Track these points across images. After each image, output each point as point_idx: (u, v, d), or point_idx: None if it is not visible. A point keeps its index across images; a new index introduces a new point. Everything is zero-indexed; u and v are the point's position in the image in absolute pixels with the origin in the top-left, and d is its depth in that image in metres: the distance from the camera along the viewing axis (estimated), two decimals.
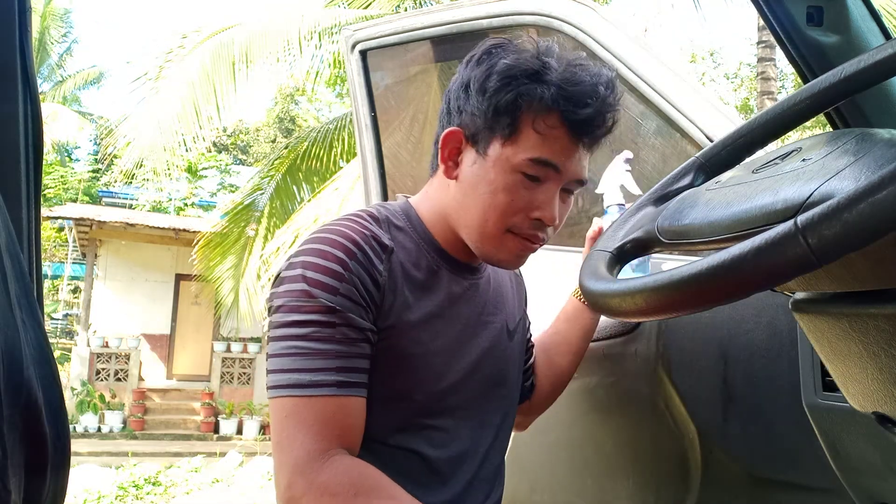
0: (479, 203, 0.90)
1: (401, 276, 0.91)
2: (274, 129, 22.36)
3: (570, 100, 0.86)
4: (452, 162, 0.94)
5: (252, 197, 8.39)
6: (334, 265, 0.85)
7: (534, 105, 0.86)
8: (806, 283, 0.60)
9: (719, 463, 1.20)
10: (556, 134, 0.87)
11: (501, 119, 0.88)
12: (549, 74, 0.87)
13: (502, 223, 0.90)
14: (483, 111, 0.89)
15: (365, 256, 0.87)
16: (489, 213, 0.90)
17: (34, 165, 0.74)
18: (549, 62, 0.88)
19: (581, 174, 0.91)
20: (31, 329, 0.58)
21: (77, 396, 10.51)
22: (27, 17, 0.73)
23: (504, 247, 0.92)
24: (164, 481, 6.46)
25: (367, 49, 1.88)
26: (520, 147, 0.87)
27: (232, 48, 7.03)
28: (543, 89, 0.86)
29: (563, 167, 0.88)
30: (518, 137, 0.88)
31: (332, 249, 0.86)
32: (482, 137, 0.90)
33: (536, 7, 1.64)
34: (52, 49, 18.27)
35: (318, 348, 0.83)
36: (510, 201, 0.89)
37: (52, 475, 0.58)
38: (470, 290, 0.99)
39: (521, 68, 0.87)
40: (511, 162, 0.88)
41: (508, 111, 0.87)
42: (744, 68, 16.31)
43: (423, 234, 0.97)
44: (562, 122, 0.87)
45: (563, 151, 0.88)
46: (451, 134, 0.93)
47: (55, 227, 13.77)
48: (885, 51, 0.57)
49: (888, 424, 0.63)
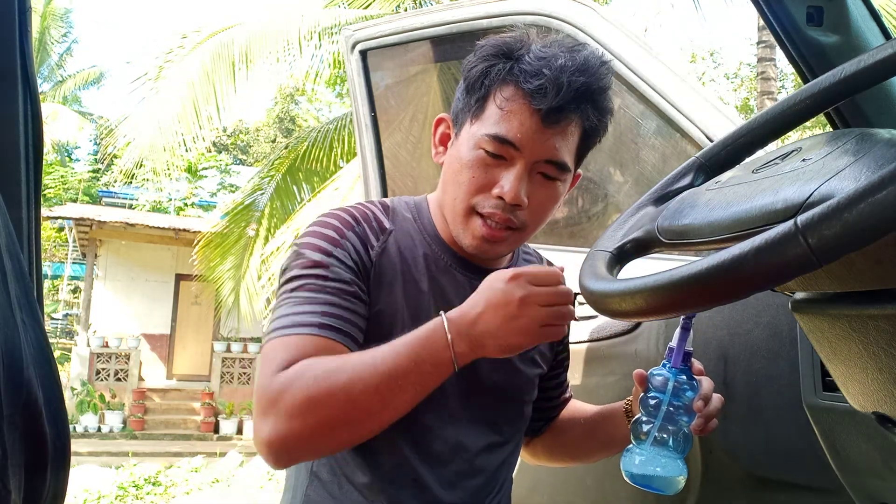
0: (451, 183, 0.92)
1: (395, 256, 0.93)
2: (274, 129, 22.36)
3: (528, 72, 0.85)
4: (443, 147, 0.97)
5: (252, 197, 8.39)
6: (330, 231, 0.90)
7: (496, 79, 0.87)
8: (806, 283, 0.60)
9: (719, 463, 1.20)
10: (513, 107, 0.86)
11: (473, 97, 0.90)
12: (521, 52, 0.87)
13: (467, 201, 0.90)
14: (462, 92, 0.92)
15: (362, 230, 0.91)
16: (456, 191, 0.91)
17: (34, 165, 0.74)
18: (531, 45, 0.88)
19: (550, 154, 0.87)
20: (31, 329, 0.58)
21: (77, 396, 10.51)
22: (27, 17, 0.73)
23: (470, 228, 0.91)
24: (164, 481, 6.46)
25: (367, 49, 1.88)
26: (483, 123, 0.88)
27: (232, 48, 7.03)
28: (507, 63, 0.87)
29: (522, 145, 0.86)
30: (483, 114, 0.89)
31: (331, 220, 0.92)
32: (460, 119, 0.92)
33: (536, 7, 1.64)
34: (52, 49, 18.25)
35: (307, 296, 0.85)
36: (471, 178, 0.89)
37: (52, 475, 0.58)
38: (470, 288, 0.98)
39: (497, 47, 0.88)
40: (475, 138, 0.89)
41: (477, 88, 0.89)
42: (744, 68, 16.32)
43: (427, 225, 0.98)
44: (518, 94, 0.86)
45: (522, 127, 0.86)
46: (439, 120, 0.97)
47: (55, 227, 13.77)
48: (885, 51, 0.57)
49: (888, 424, 0.63)
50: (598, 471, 1.44)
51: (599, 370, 1.45)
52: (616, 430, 1.02)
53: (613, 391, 1.40)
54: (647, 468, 0.76)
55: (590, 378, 1.46)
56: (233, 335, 11.85)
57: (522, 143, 0.86)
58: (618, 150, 1.88)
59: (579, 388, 1.50)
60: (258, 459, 6.99)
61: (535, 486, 1.59)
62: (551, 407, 1.14)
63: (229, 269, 8.35)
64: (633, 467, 0.77)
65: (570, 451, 1.14)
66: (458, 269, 0.97)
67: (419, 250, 0.95)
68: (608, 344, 1.41)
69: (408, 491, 0.91)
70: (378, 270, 0.91)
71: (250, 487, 6.38)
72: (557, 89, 0.84)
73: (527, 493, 1.58)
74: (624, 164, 1.88)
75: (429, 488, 0.92)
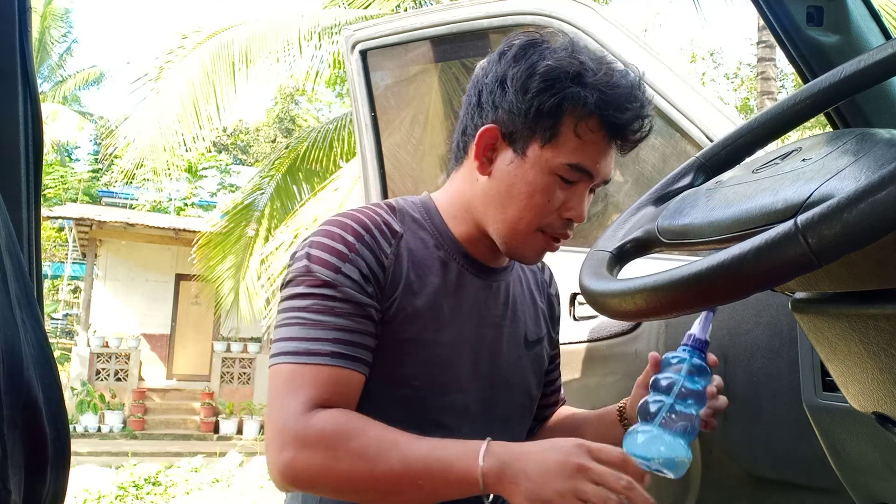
0: (515, 202, 0.91)
1: (408, 261, 0.92)
2: (274, 129, 22.36)
3: (611, 104, 0.86)
4: (487, 158, 0.94)
5: (252, 197, 8.38)
6: (339, 245, 0.88)
7: (577, 110, 0.87)
8: (806, 283, 0.60)
9: (719, 463, 1.20)
10: (595, 138, 0.88)
11: (543, 121, 0.88)
12: (588, 76, 0.87)
13: (536, 223, 0.91)
14: (524, 111, 0.89)
15: (372, 239, 0.90)
16: (525, 212, 0.91)
17: (34, 165, 0.74)
18: (586, 62, 0.88)
19: (609, 175, 0.92)
20: (31, 329, 0.58)
21: (77, 396, 10.51)
22: (27, 17, 0.74)
23: (531, 244, 0.94)
24: (164, 481, 6.45)
25: (367, 49, 1.88)
26: (560, 151, 0.88)
27: (232, 48, 7.03)
28: (586, 93, 0.86)
29: (595, 171, 0.90)
30: (558, 141, 0.88)
31: (339, 231, 0.89)
32: (520, 137, 0.90)
33: (536, 7, 1.64)
34: (52, 49, 18.25)
35: (317, 319, 0.85)
36: (546, 202, 0.90)
37: (52, 475, 0.58)
38: (485, 289, 0.99)
39: (563, 70, 0.87)
40: (550, 164, 0.89)
41: (552, 114, 0.88)
42: (744, 68, 16.31)
43: (439, 227, 0.98)
44: (602, 126, 0.88)
45: (599, 156, 0.89)
46: (487, 131, 0.92)
47: (55, 227, 13.76)
48: (885, 51, 0.57)
49: (888, 424, 0.63)
50: None
51: (599, 370, 1.45)
52: (609, 430, 1.03)
53: (613, 391, 1.40)
54: (651, 447, 0.73)
55: (590, 378, 1.46)
56: (233, 335, 11.85)
57: (596, 169, 0.90)
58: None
59: (579, 388, 1.50)
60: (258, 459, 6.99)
61: None
62: (545, 406, 1.15)
63: (229, 269, 8.35)
64: (636, 447, 0.74)
65: None
66: (470, 270, 0.98)
67: (434, 252, 0.95)
68: (608, 344, 1.41)
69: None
70: (393, 277, 0.90)
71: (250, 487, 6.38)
72: (640, 125, 0.89)
73: None
74: (624, 164, 1.88)
75: None
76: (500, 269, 1.02)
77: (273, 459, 0.82)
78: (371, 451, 0.79)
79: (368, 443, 0.80)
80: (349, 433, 0.80)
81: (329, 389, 0.83)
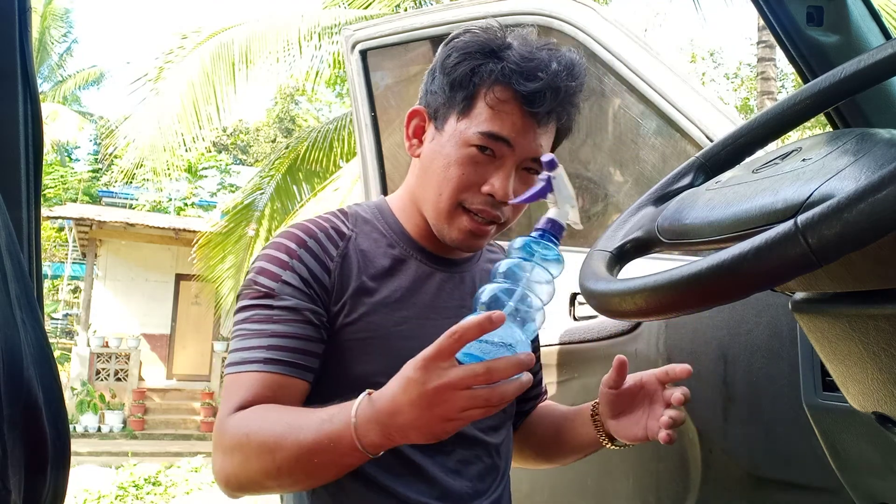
0: (434, 178, 0.92)
1: (359, 262, 0.93)
2: (274, 129, 22.36)
3: (521, 73, 0.87)
4: (417, 140, 0.97)
5: (252, 197, 8.38)
6: (282, 254, 0.90)
7: (487, 79, 0.89)
8: (806, 283, 0.60)
9: (719, 463, 1.20)
10: (507, 108, 0.88)
11: (458, 94, 0.90)
12: (506, 52, 0.89)
13: (454, 197, 0.91)
14: (443, 88, 0.92)
15: (316, 243, 0.91)
16: (442, 186, 0.91)
17: (34, 165, 0.74)
18: (511, 42, 0.90)
19: (537, 151, 0.91)
20: (31, 329, 0.58)
21: (77, 396, 10.51)
22: (27, 17, 0.74)
23: (455, 223, 0.93)
24: (164, 481, 6.46)
25: (367, 49, 1.88)
26: (473, 121, 0.90)
27: (232, 48, 7.03)
28: (496, 64, 0.88)
29: (515, 142, 0.89)
30: (471, 111, 0.90)
31: (285, 241, 0.91)
32: (441, 114, 0.93)
33: (536, 7, 1.64)
34: (52, 49, 18.25)
35: (255, 329, 0.87)
36: (461, 174, 0.90)
37: (52, 475, 0.59)
38: (448, 281, 0.99)
39: (479, 44, 0.90)
40: (464, 135, 0.90)
41: (463, 85, 0.90)
42: (744, 68, 16.31)
43: (392, 224, 0.99)
44: (512, 96, 0.88)
45: (515, 126, 0.89)
46: (414, 112, 0.97)
47: (55, 227, 13.77)
48: (885, 51, 0.57)
49: (888, 424, 0.63)
50: (598, 470, 1.44)
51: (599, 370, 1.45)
52: (581, 429, 1.02)
53: None
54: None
55: (590, 378, 1.46)
56: None
57: (516, 140, 0.89)
58: (618, 150, 1.88)
59: (579, 388, 1.50)
60: None
61: (535, 486, 1.59)
62: (525, 399, 1.15)
63: (229, 269, 8.35)
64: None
65: (538, 450, 1.14)
66: (425, 261, 0.98)
67: (388, 250, 0.96)
68: (608, 344, 1.41)
69: (415, 485, 0.91)
70: (340, 280, 0.91)
71: None
72: (554, 94, 0.88)
73: (527, 493, 1.58)
74: (624, 164, 1.88)
75: (435, 479, 0.92)
76: (462, 261, 1.02)
77: (213, 470, 0.84)
78: (270, 442, 0.79)
79: (267, 435, 0.79)
80: (250, 430, 0.80)
81: (259, 394, 0.84)
